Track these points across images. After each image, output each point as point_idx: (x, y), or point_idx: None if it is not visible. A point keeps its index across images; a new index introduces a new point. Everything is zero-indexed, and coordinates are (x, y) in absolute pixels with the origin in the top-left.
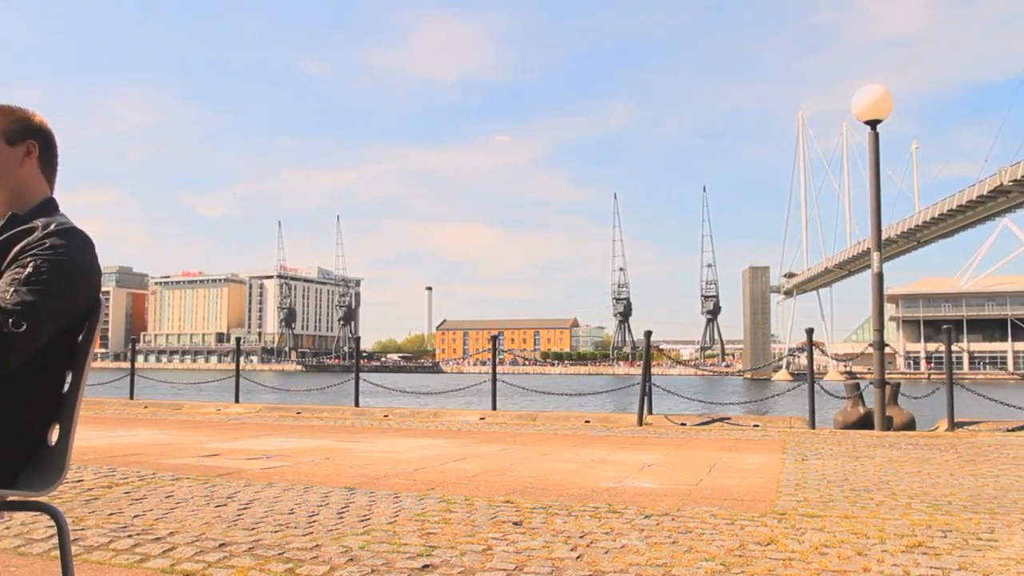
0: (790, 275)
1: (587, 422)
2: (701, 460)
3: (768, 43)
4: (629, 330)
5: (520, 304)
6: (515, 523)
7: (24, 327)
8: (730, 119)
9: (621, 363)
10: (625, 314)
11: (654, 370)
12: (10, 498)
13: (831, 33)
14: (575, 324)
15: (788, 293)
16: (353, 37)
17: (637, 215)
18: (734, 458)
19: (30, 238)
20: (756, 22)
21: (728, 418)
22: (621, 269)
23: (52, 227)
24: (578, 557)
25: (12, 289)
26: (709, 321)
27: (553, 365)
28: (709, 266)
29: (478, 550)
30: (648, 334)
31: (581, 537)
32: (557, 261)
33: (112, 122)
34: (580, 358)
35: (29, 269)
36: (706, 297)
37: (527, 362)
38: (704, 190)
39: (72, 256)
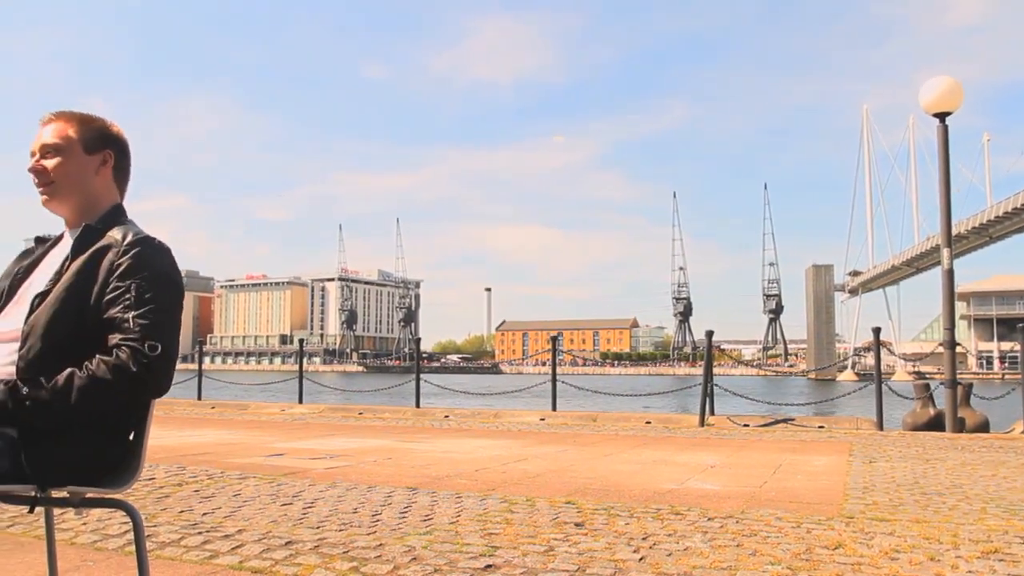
0: (855, 273)
1: (648, 423)
2: (765, 462)
3: (830, 36)
4: (689, 330)
5: (579, 305)
6: (577, 524)
7: (159, 349)
8: (791, 115)
9: (681, 364)
10: (685, 314)
11: (715, 370)
12: (89, 495)
13: (895, 24)
14: (634, 324)
15: (853, 291)
16: (411, 40)
17: (697, 214)
18: (799, 460)
19: (113, 254)
20: (817, 15)
21: (792, 419)
22: (681, 268)
23: (130, 238)
24: (641, 559)
25: (130, 316)
26: (771, 320)
27: (612, 366)
28: (771, 264)
29: (540, 551)
30: (709, 334)
31: (644, 539)
32: (616, 261)
33: (179, 130)
34: (640, 359)
35: (133, 292)
36: (768, 296)
37: (586, 363)
38: (765, 187)
39: (164, 267)
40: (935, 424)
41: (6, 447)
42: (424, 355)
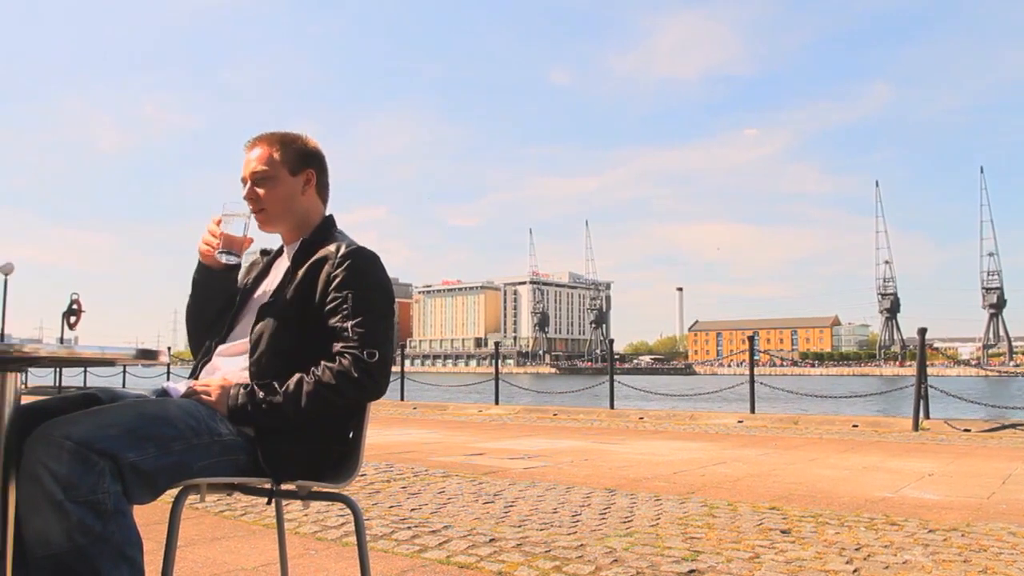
0: None
1: (855, 426)
2: (991, 470)
3: None
4: (897, 327)
5: (775, 303)
6: (783, 531)
7: (377, 356)
8: (1007, 89)
9: (889, 363)
10: (892, 310)
11: (929, 370)
12: (315, 489)
13: None
14: (836, 322)
15: None
16: (595, 44)
17: (902, 203)
18: None
19: (329, 266)
20: None
21: (1022, 424)
22: (886, 262)
23: (344, 250)
24: (855, 571)
25: (348, 325)
26: (992, 316)
27: (813, 366)
28: (990, 255)
29: (745, 557)
30: (922, 331)
31: (856, 549)
32: (814, 256)
33: (377, 145)
34: (842, 358)
35: (351, 302)
36: (988, 290)
37: (785, 363)
38: (981, 171)
39: (376, 276)
40: None
41: (246, 444)
42: (616, 356)
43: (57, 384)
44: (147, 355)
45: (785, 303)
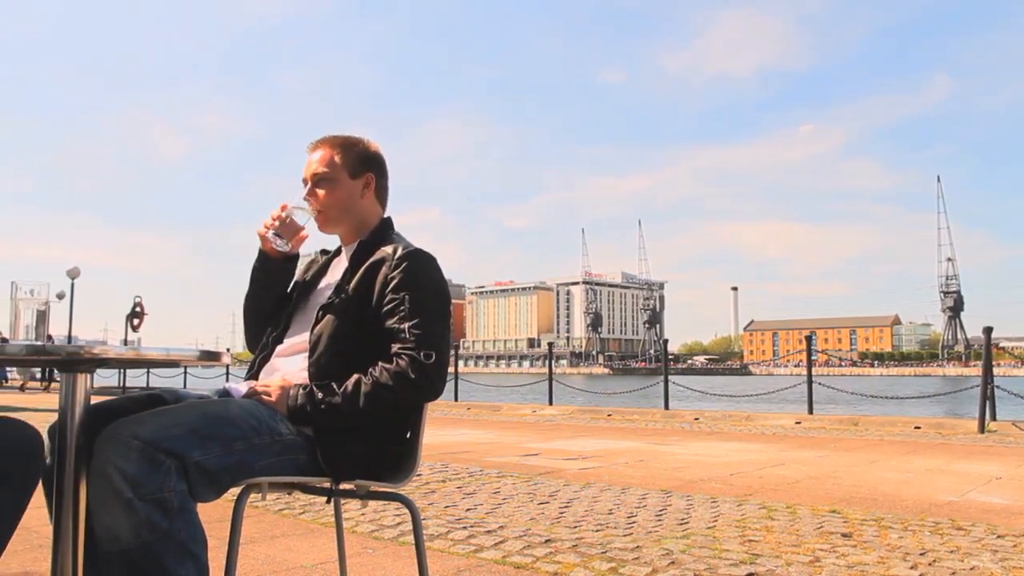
0: None
1: (917, 428)
2: None
3: None
4: (961, 326)
5: (833, 302)
6: (843, 535)
7: (434, 357)
8: None
9: (952, 363)
10: (955, 309)
11: (995, 371)
12: (373, 488)
13: None
14: (896, 321)
15: None
16: (645, 42)
17: (966, 198)
18: None
19: (386, 268)
20: None
21: None
22: (949, 259)
23: (400, 252)
24: None
25: (406, 326)
26: None
27: (872, 366)
28: None
29: (805, 561)
30: (988, 330)
31: (921, 555)
32: (873, 254)
33: (430, 147)
34: (903, 358)
35: (407, 303)
36: None
37: (843, 363)
38: None
39: (433, 278)
40: None
41: (305, 444)
42: (671, 357)
43: (121, 384)
44: (210, 356)
45: (843, 302)
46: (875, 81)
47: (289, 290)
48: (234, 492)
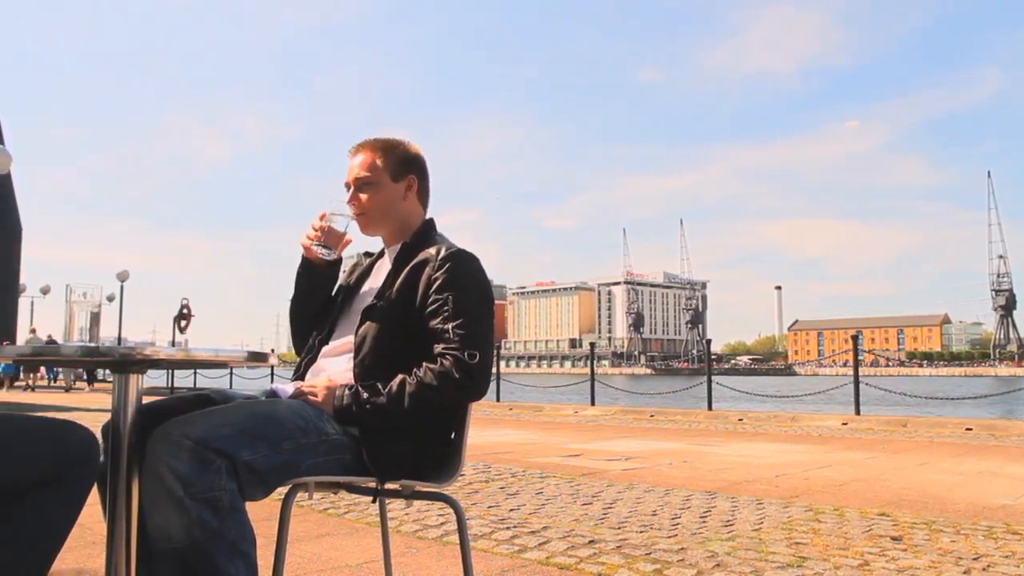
0: None
1: (968, 429)
2: None
3: None
4: (1014, 325)
5: (879, 301)
6: (893, 538)
7: (478, 357)
8: None
9: (1004, 363)
10: (1008, 307)
11: None
12: (418, 488)
13: None
14: (946, 321)
15: None
16: (683, 41)
17: (1017, 195)
18: None
19: (430, 269)
20: None
21: None
22: (1001, 256)
23: (443, 253)
24: None
25: (449, 327)
26: None
27: (921, 366)
28: None
29: (853, 564)
30: None
31: (975, 559)
32: (920, 252)
33: (470, 148)
34: (953, 358)
35: (451, 304)
36: None
37: (891, 363)
38: None
39: (476, 278)
40: None
41: (351, 444)
42: (714, 357)
43: (170, 385)
44: (257, 357)
45: (890, 301)
46: (922, 75)
47: (334, 293)
48: (280, 491)
